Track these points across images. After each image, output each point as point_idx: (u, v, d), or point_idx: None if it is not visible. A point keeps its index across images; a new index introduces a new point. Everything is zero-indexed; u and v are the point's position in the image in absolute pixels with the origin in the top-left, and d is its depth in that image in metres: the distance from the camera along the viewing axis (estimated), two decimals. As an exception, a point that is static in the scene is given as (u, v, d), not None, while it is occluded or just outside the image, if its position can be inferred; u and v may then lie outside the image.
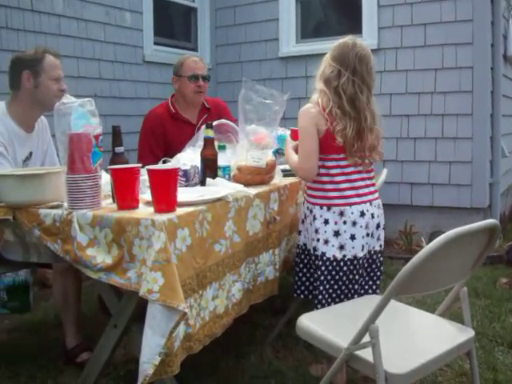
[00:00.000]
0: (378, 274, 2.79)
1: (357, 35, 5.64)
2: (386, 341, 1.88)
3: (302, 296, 2.88)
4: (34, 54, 3.01)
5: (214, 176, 2.57)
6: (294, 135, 2.88)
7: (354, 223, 2.61)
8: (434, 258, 1.78)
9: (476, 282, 4.32)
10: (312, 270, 2.78)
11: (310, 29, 6.38)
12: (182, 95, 3.97)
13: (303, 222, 2.79)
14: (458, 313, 2.44)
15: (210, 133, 2.61)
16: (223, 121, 3.20)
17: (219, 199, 2.33)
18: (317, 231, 2.64)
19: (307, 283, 2.84)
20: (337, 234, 2.61)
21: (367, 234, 2.65)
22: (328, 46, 5.73)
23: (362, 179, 2.69)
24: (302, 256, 2.83)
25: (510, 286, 4.31)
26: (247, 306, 2.58)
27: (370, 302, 2.00)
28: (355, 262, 2.63)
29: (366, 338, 1.91)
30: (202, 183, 2.56)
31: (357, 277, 2.66)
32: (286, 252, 2.95)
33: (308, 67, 5.99)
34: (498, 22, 5.55)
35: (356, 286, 2.67)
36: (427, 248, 1.77)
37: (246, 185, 2.60)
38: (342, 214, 2.61)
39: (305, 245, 2.81)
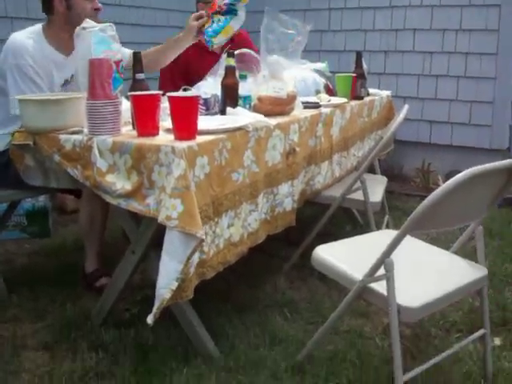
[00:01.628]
0: None
1: (381, -33, 5.60)
2: (400, 275, 1.90)
3: None
4: None
5: (235, 105, 2.55)
6: None
7: None
8: (451, 196, 1.78)
9: (491, 222, 4.31)
10: None
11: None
12: None
13: None
14: (471, 252, 2.45)
15: (232, 61, 2.58)
16: (245, 50, 3.15)
17: (239, 128, 2.32)
18: None
19: None
20: None
21: None
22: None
23: None
24: None
25: (524, 228, 4.30)
26: (264, 236, 2.60)
27: (387, 236, 2.00)
28: None
29: (381, 272, 1.92)
30: (222, 112, 2.55)
31: None
32: (303, 184, 2.95)
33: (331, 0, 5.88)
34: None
35: None
36: (445, 185, 1.76)
37: (266, 115, 2.57)
38: None
39: None
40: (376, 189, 3.34)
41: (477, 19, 5.23)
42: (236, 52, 2.76)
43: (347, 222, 4.04)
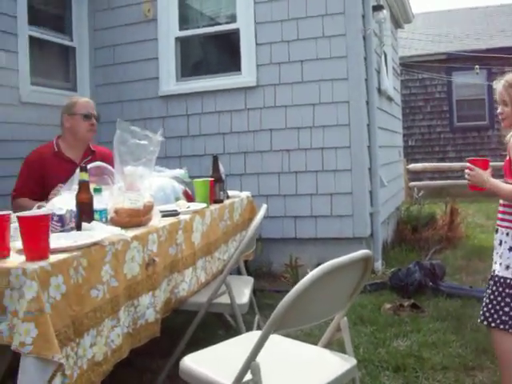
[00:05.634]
0: None
1: (236, 72, 5.88)
2: (269, 377, 1.90)
3: (485, 323, 2.84)
4: None
5: (90, 220, 2.50)
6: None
7: None
8: (308, 292, 1.82)
9: (362, 309, 4.44)
10: (499, 299, 2.78)
11: (190, 67, 6.44)
12: (72, 133, 4.03)
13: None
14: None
15: (85, 176, 2.56)
16: (99, 163, 3.17)
17: (95, 244, 2.28)
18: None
19: (492, 311, 2.80)
20: None
21: None
22: (208, 84, 5.95)
23: None
24: (491, 282, 2.84)
25: (394, 311, 4.45)
26: (127, 351, 2.52)
27: (253, 338, 2.00)
28: None
29: (249, 376, 1.90)
30: (78, 228, 2.50)
31: None
32: (167, 293, 2.91)
33: (189, 105, 6.05)
34: (371, 58, 5.85)
35: None
36: (301, 283, 1.81)
37: (124, 227, 2.56)
38: None
39: (493, 271, 2.84)
40: (242, 290, 3.35)
41: (328, 115, 5.57)
42: (89, 166, 2.75)
43: (220, 326, 3.99)
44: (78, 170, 2.70)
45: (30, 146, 4.61)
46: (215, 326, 3.98)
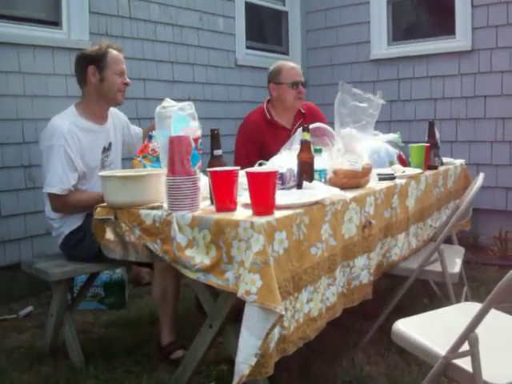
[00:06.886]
0: None
1: (449, 36, 5.65)
2: (485, 350, 1.83)
3: None
4: (98, 50, 3.15)
5: (311, 179, 2.57)
6: None
7: None
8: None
9: None
10: None
11: (401, 31, 6.31)
12: (281, 102, 4.03)
13: None
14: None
15: (307, 136, 2.61)
16: (319, 124, 3.21)
17: (316, 202, 2.34)
18: None
19: None
20: None
21: None
22: (420, 48, 5.79)
23: None
24: None
25: None
26: (341, 310, 2.58)
27: (468, 309, 1.95)
28: None
29: (465, 347, 1.86)
30: (299, 186, 2.57)
31: None
32: (380, 256, 2.92)
33: (400, 70, 5.95)
34: None
35: None
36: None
37: (342, 188, 2.60)
38: None
39: None
40: (454, 259, 3.26)
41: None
42: (310, 126, 2.80)
43: (424, 294, 3.93)
44: (299, 130, 2.77)
45: (244, 107, 4.81)
46: (419, 294, 3.93)
